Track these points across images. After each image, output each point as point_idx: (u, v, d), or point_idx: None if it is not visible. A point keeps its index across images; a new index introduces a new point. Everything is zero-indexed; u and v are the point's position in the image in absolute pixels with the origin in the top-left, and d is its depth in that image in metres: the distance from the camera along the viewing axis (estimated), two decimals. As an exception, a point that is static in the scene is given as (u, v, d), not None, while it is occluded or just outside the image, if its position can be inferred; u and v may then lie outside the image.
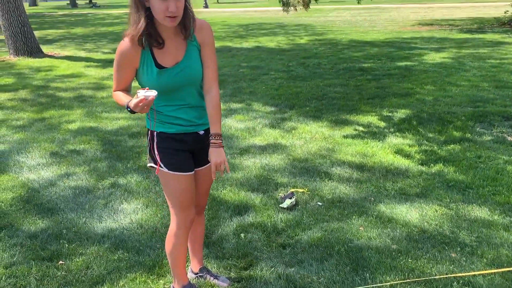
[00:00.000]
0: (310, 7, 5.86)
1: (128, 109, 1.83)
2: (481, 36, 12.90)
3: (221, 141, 2.02)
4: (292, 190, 3.50)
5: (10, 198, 3.49)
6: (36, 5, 56.49)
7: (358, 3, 5.26)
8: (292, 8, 4.91)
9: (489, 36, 12.73)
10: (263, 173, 3.94)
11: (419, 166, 4.04)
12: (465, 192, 3.47)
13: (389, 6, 27.40)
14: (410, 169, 3.99)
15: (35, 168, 4.14)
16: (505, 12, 15.42)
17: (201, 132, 2.11)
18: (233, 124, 5.50)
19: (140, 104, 1.74)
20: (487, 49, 10.55)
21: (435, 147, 4.50)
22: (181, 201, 2.09)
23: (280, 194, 3.47)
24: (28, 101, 6.77)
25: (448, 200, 3.34)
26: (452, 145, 4.53)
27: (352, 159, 4.25)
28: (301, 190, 3.51)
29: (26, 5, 55.10)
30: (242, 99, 6.69)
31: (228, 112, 6.00)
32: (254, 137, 5.01)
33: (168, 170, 2.04)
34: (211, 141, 2.01)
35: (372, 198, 3.42)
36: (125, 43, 1.89)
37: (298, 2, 4.71)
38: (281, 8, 13.55)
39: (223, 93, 7.04)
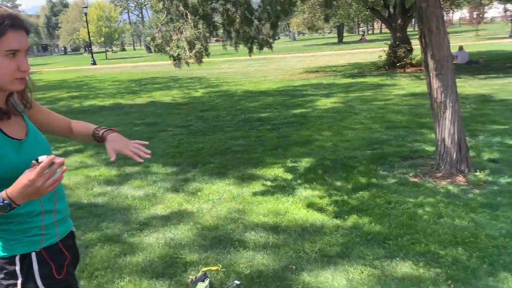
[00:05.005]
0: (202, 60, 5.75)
1: (6, 202, 1.20)
2: (362, 79, 13.94)
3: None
4: (205, 269, 3.03)
5: None
6: None
7: (250, 55, 5.30)
8: (184, 62, 4.69)
9: (369, 80, 13.80)
10: (168, 251, 3.42)
11: (334, 219, 3.85)
12: (385, 244, 3.32)
13: (276, 56, 28.90)
14: (326, 224, 3.78)
15: None
16: (379, 57, 17.02)
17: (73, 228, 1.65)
18: (130, 192, 4.90)
19: (46, 178, 1.18)
20: (370, 91, 11.34)
21: (345, 196, 4.39)
22: None
23: (190, 277, 2.98)
24: None
25: (371, 257, 3.14)
26: (360, 192, 4.47)
27: (266, 220, 3.92)
28: (214, 268, 3.06)
29: None
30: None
31: (122, 179, 5.38)
32: (155, 205, 4.48)
33: None
34: (103, 131, 1.66)
35: (294, 266, 3.09)
36: None
37: (190, 57, 4.50)
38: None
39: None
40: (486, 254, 3.09)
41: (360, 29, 65.83)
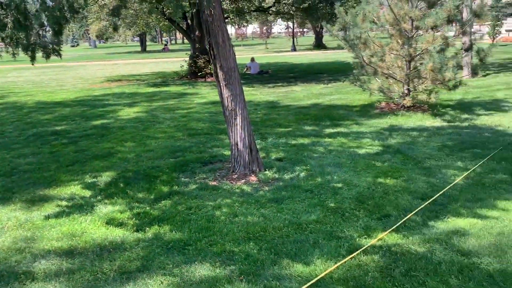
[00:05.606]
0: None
1: None
2: (166, 89, 14.08)
3: None
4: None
5: None
6: None
7: (32, 62, 4.67)
8: None
9: (173, 89, 14.03)
10: None
11: (135, 233, 3.77)
12: (185, 250, 3.40)
13: (74, 64, 26.88)
14: (126, 239, 3.66)
15: None
16: (181, 67, 17.46)
17: None
18: None
19: None
20: (174, 100, 11.54)
21: (147, 208, 4.34)
22: None
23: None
24: None
25: (171, 266, 3.17)
26: (163, 202, 4.48)
27: (59, 245, 3.58)
28: (-8, 311, 2.64)
29: None
30: None
31: None
32: None
33: None
34: None
35: (90, 290, 2.90)
36: None
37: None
38: None
39: None
40: (273, 245, 3.46)
41: (163, 38, 66.45)
